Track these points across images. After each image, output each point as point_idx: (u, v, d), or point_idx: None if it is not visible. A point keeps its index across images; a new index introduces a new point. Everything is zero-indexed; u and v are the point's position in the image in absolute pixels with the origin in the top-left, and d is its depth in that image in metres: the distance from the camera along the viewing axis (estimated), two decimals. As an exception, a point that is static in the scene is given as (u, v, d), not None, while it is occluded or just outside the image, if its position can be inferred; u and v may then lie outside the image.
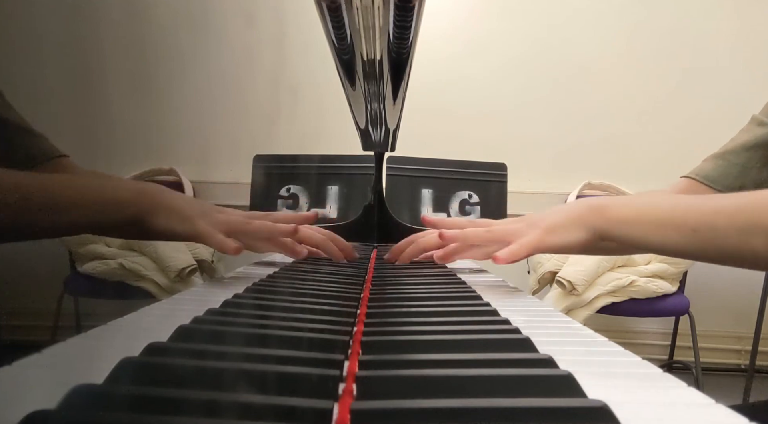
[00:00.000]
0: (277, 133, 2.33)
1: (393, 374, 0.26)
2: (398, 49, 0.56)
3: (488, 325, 0.39)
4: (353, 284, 0.58)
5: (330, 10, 0.49)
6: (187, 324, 0.34)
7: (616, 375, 0.32)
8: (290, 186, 1.23)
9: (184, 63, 2.44)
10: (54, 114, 2.25)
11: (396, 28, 0.51)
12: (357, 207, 1.13)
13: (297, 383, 0.25)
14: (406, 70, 0.64)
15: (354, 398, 0.25)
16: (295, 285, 0.55)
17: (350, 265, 0.75)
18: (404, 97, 0.75)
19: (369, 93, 0.72)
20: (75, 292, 2.22)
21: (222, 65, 2.41)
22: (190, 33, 2.42)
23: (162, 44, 2.44)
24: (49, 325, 2.21)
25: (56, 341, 0.33)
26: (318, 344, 0.32)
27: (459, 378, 0.26)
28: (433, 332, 0.36)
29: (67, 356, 0.32)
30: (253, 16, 2.39)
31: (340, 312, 0.41)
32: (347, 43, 0.56)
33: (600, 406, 0.23)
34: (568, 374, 0.26)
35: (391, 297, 0.51)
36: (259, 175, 1.27)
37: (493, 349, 0.32)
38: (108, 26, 2.41)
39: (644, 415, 0.25)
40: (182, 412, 0.22)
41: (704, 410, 0.26)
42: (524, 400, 0.23)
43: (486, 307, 0.45)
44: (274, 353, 0.29)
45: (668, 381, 0.30)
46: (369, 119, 0.88)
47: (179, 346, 0.31)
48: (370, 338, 0.34)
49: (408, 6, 0.47)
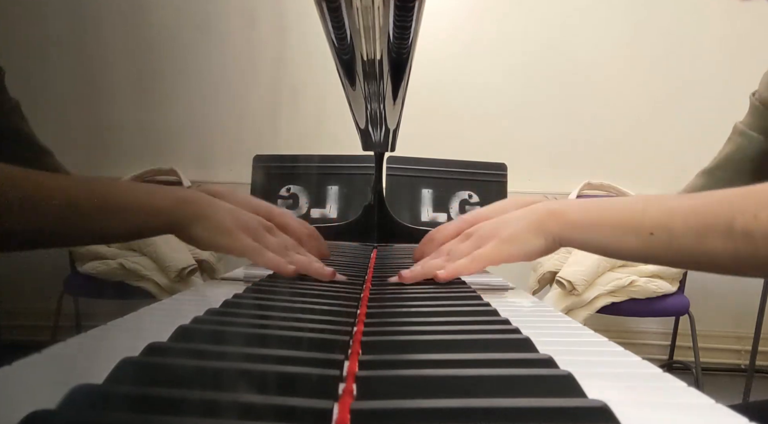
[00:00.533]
0: (277, 133, 2.33)
1: (393, 374, 0.26)
2: (398, 49, 0.56)
3: (488, 325, 0.39)
4: (353, 283, 0.58)
5: (330, 10, 0.49)
6: (187, 324, 0.34)
7: (616, 375, 0.32)
8: (290, 186, 1.23)
9: (184, 63, 2.44)
10: (54, 114, 2.25)
11: (396, 28, 0.51)
12: (357, 207, 1.13)
13: (297, 383, 0.25)
14: (406, 70, 0.64)
15: (354, 398, 0.25)
16: (295, 285, 0.55)
17: (350, 265, 0.75)
18: (404, 97, 0.75)
19: (369, 93, 0.72)
20: (75, 292, 2.22)
21: (222, 65, 2.41)
22: (191, 33, 2.42)
23: (162, 44, 2.44)
24: (49, 325, 2.21)
25: (56, 341, 0.33)
26: (318, 344, 0.32)
27: (459, 378, 0.26)
28: (433, 332, 0.36)
29: (67, 356, 0.32)
30: (253, 16, 2.39)
31: (340, 312, 0.41)
32: (347, 43, 0.56)
33: (600, 406, 0.23)
34: (568, 374, 0.26)
35: (391, 297, 0.51)
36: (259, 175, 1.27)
37: (493, 349, 0.32)
38: (108, 26, 2.42)
39: (644, 415, 0.25)
40: (182, 412, 0.22)
41: (704, 410, 0.26)
42: (524, 400, 0.23)
43: (486, 307, 0.45)
44: (274, 353, 0.29)
45: (668, 381, 0.30)
46: (369, 119, 0.88)
47: (179, 346, 0.31)
48: (370, 338, 0.34)
49: (408, 6, 0.47)
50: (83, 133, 2.34)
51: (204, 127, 2.45)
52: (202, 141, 2.47)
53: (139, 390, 0.23)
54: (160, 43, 2.44)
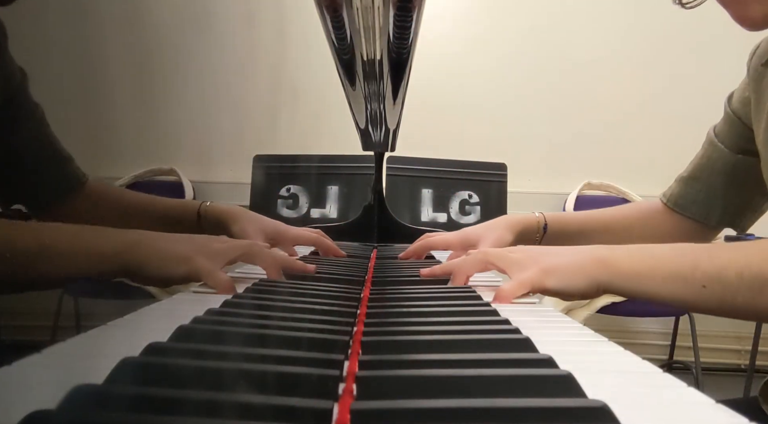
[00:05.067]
0: (277, 133, 2.33)
1: (393, 374, 0.26)
2: (398, 49, 0.56)
3: (488, 325, 0.39)
4: (353, 283, 0.58)
5: (330, 10, 0.49)
6: (187, 324, 0.34)
7: (616, 375, 0.32)
8: (290, 186, 1.23)
9: (184, 63, 2.44)
10: (54, 114, 2.24)
11: (396, 28, 0.52)
12: (357, 207, 1.13)
13: (297, 383, 0.25)
14: (406, 70, 0.64)
15: (354, 398, 0.25)
16: (295, 285, 0.55)
17: (350, 265, 0.75)
18: (404, 97, 0.75)
19: (369, 93, 0.72)
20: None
21: (222, 65, 2.41)
22: (191, 33, 2.42)
23: (162, 44, 2.44)
24: (49, 325, 2.21)
25: (56, 341, 0.33)
26: (318, 344, 0.32)
27: (459, 378, 0.26)
28: (433, 332, 0.36)
29: (67, 356, 0.32)
30: (253, 16, 2.39)
31: (340, 312, 0.41)
32: (347, 43, 0.56)
33: (600, 406, 0.23)
34: (568, 374, 0.26)
35: (391, 297, 0.51)
36: (259, 175, 1.27)
37: (493, 349, 0.32)
38: (108, 26, 2.41)
39: (644, 415, 0.25)
40: (182, 412, 0.22)
41: (704, 410, 0.26)
42: (524, 400, 0.23)
43: (486, 307, 0.45)
44: (274, 353, 0.29)
45: (668, 381, 0.30)
46: (369, 119, 0.88)
47: (179, 346, 0.31)
48: (370, 338, 0.34)
49: (408, 6, 0.47)
50: (83, 133, 2.34)
51: (204, 127, 2.45)
52: (202, 141, 2.46)
53: (139, 390, 0.23)
54: (160, 43, 2.44)
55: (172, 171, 2.39)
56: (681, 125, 2.37)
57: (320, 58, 0.91)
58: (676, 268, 0.49)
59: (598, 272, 0.53)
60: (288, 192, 1.24)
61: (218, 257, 0.58)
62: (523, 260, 0.56)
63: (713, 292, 0.47)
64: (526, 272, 0.54)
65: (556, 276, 0.54)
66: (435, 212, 1.23)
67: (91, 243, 0.54)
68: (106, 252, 0.54)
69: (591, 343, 0.39)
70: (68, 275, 0.54)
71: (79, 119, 2.37)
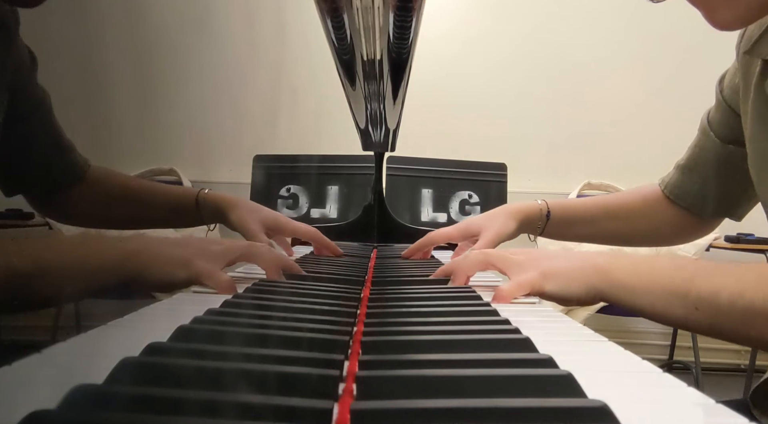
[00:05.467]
0: (277, 133, 2.33)
1: (393, 374, 0.26)
2: (398, 49, 0.56)
3: (488, 325, 0.39)
4: (353, 283, 0.58)
5: (330, 10, 0.49)
6: (187, 324, 0.34)
7: (616, 375, 0.32)
8: (290, 186, 1.24)
9: (184, 63, 2.44)
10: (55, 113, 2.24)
11: (396, 28, 0.52)
12: (357, 207, 1.13)
13: (297, 383, 0.25)
14: (406, 70, 0.64)
15: (354, 398, 0.25)
16: (295, 285, 0.55)
17: (350, 265, 0.75)
18: (404, 97, 0.75)
19: (369, 93, 0.72)
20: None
21: (222, 65, 2.41)
22: (191, 33, 2.42)
23: (162, 44, 2.44)
24: (49, 325, 2.21)
25: (56, 341, 0.33)
26: (318, 344, 0.32)
27: (459, 378, 0.26)
28: (433, 332, 0.36)
29: (67, 356, 0.32)
30: (253, 16, 2.39)
31: (340, 312, 0.41)
32: (347, 44, 0.56)
33: (600, 406, 0.23)
34: (568, 374, 0.26)
35: (391, 297, 0.51)
36: (259, 175, 1.27)
37: (493, 349, 0.32)
38: (108, 26, 2.41)
39: (644, 415, 0.25)
40: (182, 412, 0.22)
41: (704, 410, 0.26)
42: (524, 400, 0.23)
43: (486, 307, 0.45)
44: (274, 353, 0.29)
45: (668, 381, 0.30)
46: (369, 119, 0.88)
47: (179, 346, 0.31)
48: (370, 338, 0.34)
49: (408, 6, 0.47)
50: (83, 133, 2.34)
51: (204, 127, 2.45)
52: (202, 141, 2.46)
53: (139, 390, 0.23)
54: (160, 43, 2.44)
55: (172, 171, 2.39)
56: (681, 125, 2.37)
57: (320, 58, 0.91)
58: (672, 286, 0.49)
59: (597, 281, 0.53)
60: (288, 192, 1.24)
61: (218, 258, 0.58)
62: (524, 262, 0.56)
63: (705, 315, 0.46)
64: (526, 274, 0.55)
65: (555, 280, 0.54)
66: (435, 212, 1.23)
67: (90, 258, 0.53)
68: (105, 265, 0.53)
69: (591, 343, 0.39)
70: (70, 293, 0.53)
71: (79, 119, 2.36)
